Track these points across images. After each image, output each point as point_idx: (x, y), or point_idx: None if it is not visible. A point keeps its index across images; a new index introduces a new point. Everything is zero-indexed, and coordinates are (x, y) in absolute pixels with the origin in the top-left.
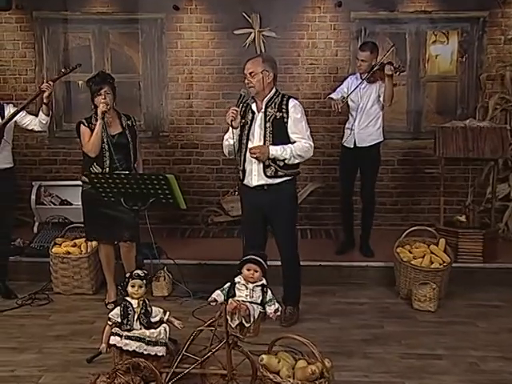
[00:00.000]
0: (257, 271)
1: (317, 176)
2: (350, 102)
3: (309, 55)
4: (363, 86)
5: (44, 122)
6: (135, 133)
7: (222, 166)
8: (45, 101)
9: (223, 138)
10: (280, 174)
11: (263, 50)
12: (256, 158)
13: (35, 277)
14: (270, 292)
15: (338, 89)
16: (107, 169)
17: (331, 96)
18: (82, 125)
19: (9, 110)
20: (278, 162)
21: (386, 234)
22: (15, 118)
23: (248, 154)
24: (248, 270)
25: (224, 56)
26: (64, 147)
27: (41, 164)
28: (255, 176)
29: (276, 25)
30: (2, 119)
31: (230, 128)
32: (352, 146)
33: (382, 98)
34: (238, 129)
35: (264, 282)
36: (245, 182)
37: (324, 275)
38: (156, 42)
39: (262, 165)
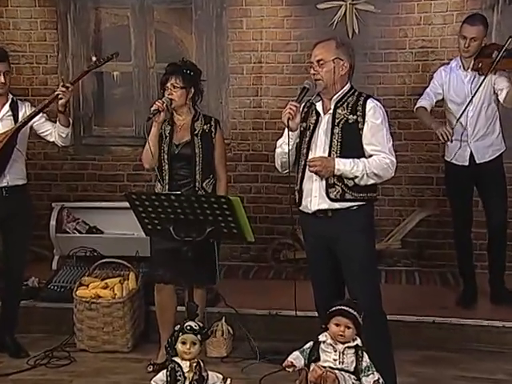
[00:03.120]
0: (349, 327)
1: (428, 200)
2: (449, 104)
3: (420, 35)
4: (471, 78)
5: (63, 134)
6: (212, 141)
7: None
8: (60, 109)
9: (275, 145)
10: (348, 197)
11: (356, 30)
12: (316, 173)
13: (53, 328)
14: (366, 356)
15: (428, 90)
16: (166, 187)
17: (422, 105)
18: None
19: (25, 109)
20: (346, 181)
21: None
22: (31, 123)
23: (307, 171)
24: (337, 325)
25: (304, 39)
26: (94, 158)
27: (63, 180)
28: (315, 198)
29: None
30: (16, 122)
31: (286, 130)
32: (467, 164)
33: (502, 97)
34: (297, 132)
35: (359, 342)
36: (302, 206)
37: (441, 337)
38: (214, 21)
39: (324, 183)
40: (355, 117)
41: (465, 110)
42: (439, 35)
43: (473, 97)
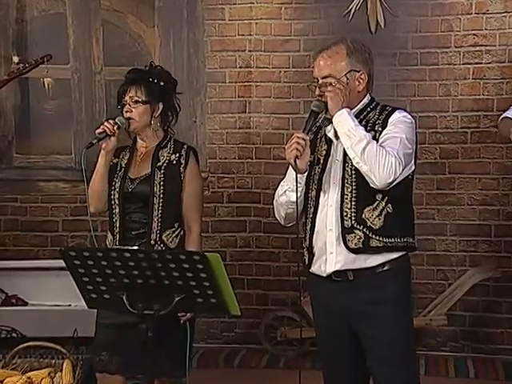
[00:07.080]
0: None
1: (484, 256)
2: None
3: (471, 29)
4: None
5: None
6: (179, 177)
7: None
8: None
9: (273, 185)
10: (374, 244)
11: (382, 22)
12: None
13: None
14: None
15: None
16: (117, 237)
17: (509, 115)
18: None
19: None
20: (368, 223)
21: None
22: None
23: (318, 219)
24: None
25: (308, 34)
26: (15, 198)
27: None
28: (332, 255)
29: None
30: None
31: (290, 170)
32: None
33: None
34: (306, 174)
35: None
36: (313, 268)
37: None
38: (185, 9)
39: (340, 228)
40: (373, 133)
41: None
42: (497, 28)
43: None
